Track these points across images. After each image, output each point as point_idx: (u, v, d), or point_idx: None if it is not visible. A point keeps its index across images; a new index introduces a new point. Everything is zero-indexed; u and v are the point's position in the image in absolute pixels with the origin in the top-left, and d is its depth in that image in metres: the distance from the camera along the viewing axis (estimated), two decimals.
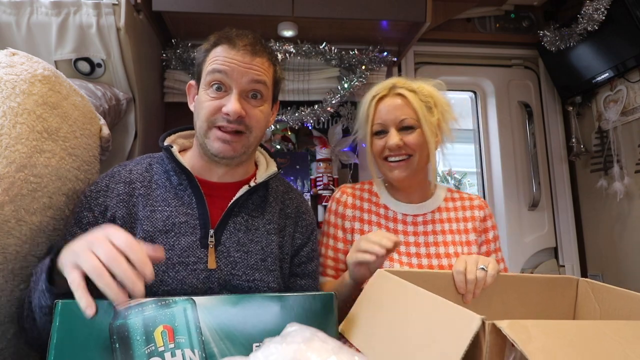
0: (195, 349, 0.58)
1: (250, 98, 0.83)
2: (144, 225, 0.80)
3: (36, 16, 1.20)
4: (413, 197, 1.05)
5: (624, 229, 1.68)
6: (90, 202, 0.82)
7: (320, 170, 1.71)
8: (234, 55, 0.81)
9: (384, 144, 0.98)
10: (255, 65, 0.82)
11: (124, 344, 0.56)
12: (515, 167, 1.95)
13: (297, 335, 0.51)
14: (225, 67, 0.80)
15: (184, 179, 0.86)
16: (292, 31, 1.58)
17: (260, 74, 0.82)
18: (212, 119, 0.81)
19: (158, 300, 0.58)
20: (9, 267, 0.75)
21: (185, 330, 0.58)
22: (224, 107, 0.80)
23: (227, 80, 0.80)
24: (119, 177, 0.85)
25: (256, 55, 0.82)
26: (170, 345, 0.57)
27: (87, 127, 0.96)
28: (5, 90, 0.75)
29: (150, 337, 0.57)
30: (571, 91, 1.88)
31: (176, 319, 0.58)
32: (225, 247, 0.83)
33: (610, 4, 1.54)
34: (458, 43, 1.97)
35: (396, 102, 0.98)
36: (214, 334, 0.59)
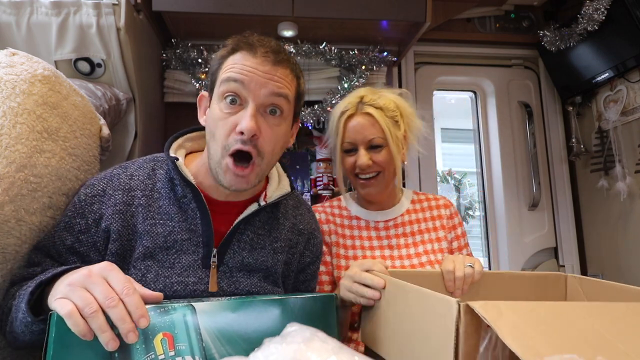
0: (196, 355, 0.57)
1: (268, 114, 0.71)
2: (144, 240, 0.74)
3: (36, 16, 1.20)
4: (382, 205, 1.10)
5: (624, 229, 1.68)
6: (84, 207, 0.75)
7: (320, 170, 1.71)
8: (253, 63, 0.69)
9: (354, 162, 1.01)
10: (278, 75, 0.71)
11: (124, 353, 0.54)
12: (515, 167, 1.95)
13: (297, 335, 0.51)
14: (243, 76, 0.69)
15: (189, 191, 0.77)
16: (292, 31, 1.58)
17: (282, 87, 0.71)
18: (227, 144, 0.70)
19: (157, 307, 0.57)
20: (8, 267, 0.75)
21: (186, 336, 0.57)
22: (238, 125, 0.69)
23: (244, 91, 0.69)
24: (118, 183, 0.77)
25: (279, 64, 0.71)
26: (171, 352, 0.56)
27: (87, 127, 0.96)
28: (5, 90, 0.75)
29: (150, 346, 0.55)
30: (571, 91, 1.88)
31: (176, 326, 0.57)
32: (228, 268, 0.77)
33: (610, 4, 1.54)
34: (458, 43, 1.97)
35: (364, 121, 0.99)
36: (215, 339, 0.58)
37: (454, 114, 3.10)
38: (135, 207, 0.75)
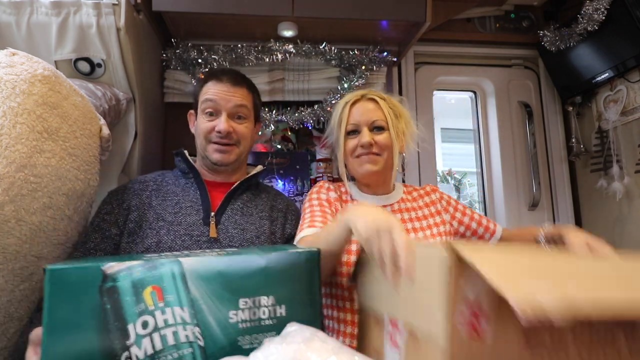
0: (184, 306, 0.60)
1: (236, 119, 1.07)
2: (157, 209, 0.99)
3: (36, 16, 1.20)
4: (378, 191, 1.13)
5: (624, 229, 1.68)
6: (111, 198, 1.02)
7: (320, 170, 1.71)
8: (220, 87, 1.06)
9: (356, 143, 1.06)
10: (237, 93, 1.06)
11: (115, 305, 0.58)
12: (515, 167, 1.95)
13: (297, 335, 0.51)
14: (215, 97, 1.05)
15: (191, 178, 1.08)
16: (292, 31, 1.58)
17: (241, 100, 1.07)
18: (209, 137, 1.05)
19: (145, 262, 0.61)
20: (9, 267, 0.75)
21: (174, 289, 0.60)
22: (217, 127, 1.04)
23: (217, 106, 1.05)
24: (134, 180, 1.08)
25: (237, 85, 1.07)
26: (160, 304, 0.59)
27: (87, 127, 0.96)
28: (5, 90, 0.75)
29: (140, 297, 0.59)
30: (571, 91, 1.88)
31: (164, 280, 0.60)
32: (224, 226, 1.01)
33: (610, 4, 1.54)
34: (458, 43, 1.97)
35: (368, 105, 1.08)
36: (202, 292, 0.61)
37: (454, 114, 3.10)
38: (149, 191, 1.04)
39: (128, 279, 0.59)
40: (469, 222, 1.15)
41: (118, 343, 0.57)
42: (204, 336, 0.60)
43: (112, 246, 0.96)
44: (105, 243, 0.96)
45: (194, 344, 0.60)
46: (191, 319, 0.60)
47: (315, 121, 1.66)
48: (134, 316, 0.58)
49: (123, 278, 0.59)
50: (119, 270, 0.59)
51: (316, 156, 1.75)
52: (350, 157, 1.09)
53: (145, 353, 0.57)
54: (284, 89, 1.67)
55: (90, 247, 0.94)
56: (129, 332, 0.57)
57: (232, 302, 0.62)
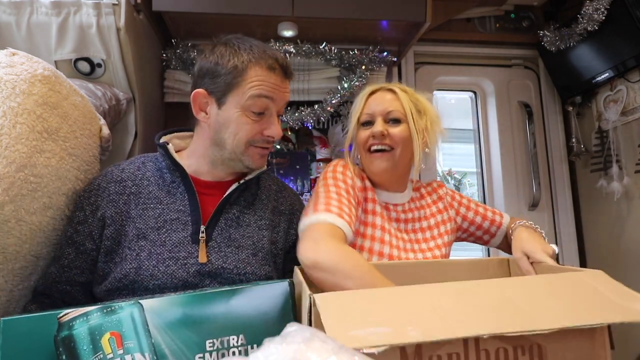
0: (145, 352, 0.57)
1: (278, 116, 0.89)
2: (136, 222, 0.82)
3: (36, 16, 1.20)
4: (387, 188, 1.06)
5: (624, 229, 1.68)
6: (83, 201, 0.86)
7: (320, 170, 1.71)
8: (275, 80, 0.85)
9: (369, 134, 0.99)
10: (288, 90, 0.89)
11: (71, 356, 0.55)
12: (515, 167, 1.95)
13: (297, 335, 0.51)
14: (272, 94, 0.84)
15: (177, 176, 0.88)
16: (292, 31, 1.57)
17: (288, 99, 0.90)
18: (252, 140, 0.86)
19: (103, 307, 0.58)
20: (8, 267, 0.75)
21: (134, 334, 0.57)
22: (267, 131, 0.86)
23: (271, 105, 0.85)
24: (111, 177, 0.88)
25: (288, 77, 0.88)
26: (119, 351, 0.56)
27: (87, 127, 0.96)
28: (5, 90, 0.75)
29: (98, 346, 0.56)
30: (571, 91, 1.88)
31: (123, 325, 0.57)
32: (217, 243, 0.84)
33: (610, 4, 1.54)
34: (458, 43, 1.97)
35: (386, 96, 1.01)
36: (164, 335, 0.58)
37: (454, 114, 3.10)
38: (127, 195, 0.85)
39: (84, 326, 0.56)
40: (474, 217, 1.11)
41: None
42: None
43: (89, 262, 0.83)
44: (81, 259, 0.83)
45: None
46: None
47: (315, 121, 1.66)
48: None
49: (79, 325, 0.56)
50: (74, 317, 0.56)
51: (316, 156, 1.75)
52: (362, 151, 1.02)
53: None
54: None
55: (65, 264, 0.82)
56: None
57: (197, 344, 0.58)
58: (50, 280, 0.83)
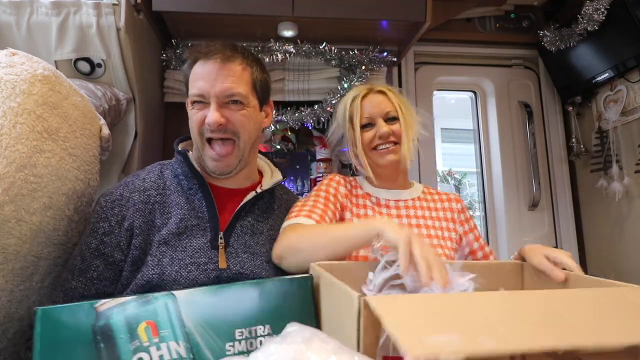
0: (179, 340, 0.59)
1: (231, 104, 0.85)
2: (160, 229, 0.84)
3: (36, 16, 1.20)
4: (394, 185, 1.13)
5: (624, 228, 1.68)
6: (107, 212, 0.85)
7: (320, 170, 1.71)
8: (206, 69, 0.84)
9: (373, 135, 1.06)
10: (228, 73, 0.84)
11: (109, 343, 0.57)
12: (515, 167, 1.95)
13: (297, 336, 0.51)
14: (201, 83, 0.83)
15: (195, 183, 0.89)
16: (292, 31, 1.57)
17: (232, 84, 0.84)
18: (201, 131, 0.86)
19: (138, 297, 0.60)
20: (9, 267, 0.75)
21: (168, 323, 0.60)
22: (206, 119, 0.83)
23: (205, 93, 0.84)
24: (133, 186, 0.88)
25: (226, 62, 0.84)
26: (155, 339, 0.58)
27: (87, 127, 0.96)
28: (5, 90, 0.75)
29: (134, 334, 0.58)
30: (571, 91, 1.88)
31: (158, 314, 0.60)
32: (234, 249, 0.86)
33: (610, 4, 1.54)
34: (458, 43, 1.97)
35: (380, 97, 1.09)
36: (197, 325, 0.61)
37: (454, 114, 3.10)
38: (152, 204, 0.86)
39: (121, 315, 0.58)
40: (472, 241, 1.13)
41: None
42: None
43: (117, 273, 0.82)
44: (110, 270, 0.82)
45: None
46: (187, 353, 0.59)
47: (315, 121, 1.66)
48: (128, 354, 0.57)
49: (116, 315, 0.58)
50: (111, 307, 0.58)
51: (316, 156, 1.75)
52: (368, 151, 1.08)
53: None
54: (284, 89, 1.67)
55: (93, 277, 0.81)
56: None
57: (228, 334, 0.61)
58: (77, 295, 0.81)
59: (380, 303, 0.45)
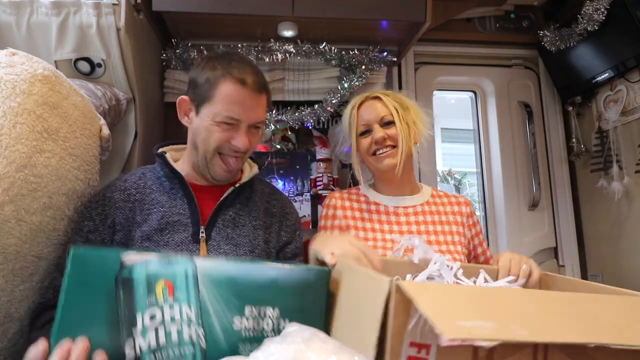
0: (192, 305, 0.62)
1: (253, 129, 0.92)
2: (142, 227, 0.88)
3: (36, 16, 1.20)
4: (402, 191, 1.14)
5: (624, 228, 1.68)
6: (91, 212, 0.89)
7: (320, 170, 1.71)
8: (244, 94, 0.87)
9: (370, 141, 1.10)
10: (260, 104, 0.91)
11: (128, 294, 0.60)
12: (515, 167, 1.95)
13: (297, 336, 0.51)
14: (238, 108, 0.87)
15: (176, 183, 0.93)
16: (292, 31, 1.57)
17: (263, 112, 0.93)
18: (220, 148, 0.90)
19: (162, 257, 0.63)
20: (9, 267, 0.75)
21: (184, 287, 0.62)
22: (234, 141, 0.89)
23: (241, 119, 0.88)
24: (115, 187, 0.93)
25: (261, 92, 0.90)
26: (170, 299, 0.61)
27: (87, 127, 0.96)
28: (5, 90, 0.75)
29: (152, 291, 0.61)
30: (571, 91, 1.88)
31: (177, 277, 0.62)
32: (216, 242, 0.90)
33: (610, 4, 1.54)
34: (458, 43, 1.97)
35: (374, 103, 1.12)
36: (210, 294, 0.63)
37: (454, 114, 3.10)
38: (132, 202, 0.91)
39: (143, 271, 0.61)
40: (477, 245, 1.16)
41: (126, 330, 0.59)
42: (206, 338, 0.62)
43: None
44: None
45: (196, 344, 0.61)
46: (197, 319, 0.62)
47: (315, 121, 1.66)
48: (143, 307, 0.60)
49: (139, 270, 0.61)
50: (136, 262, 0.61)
51: (316, 156, 1.75)
52: (367, 157, 1.12)
53: (148, 345, 0.59)
54: (284, 89, 1.67)
55: None
56: (137, 322, 0.60)
57: (238, 308, 0.63)
58: None
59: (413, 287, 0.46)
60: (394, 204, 1.12)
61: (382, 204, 1.12)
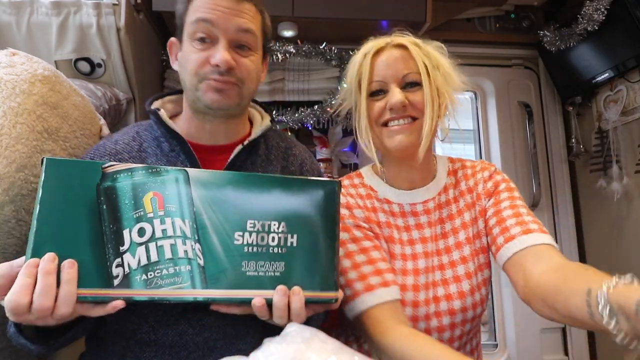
0: (185, 219, 0.56)
1: (237, 49, 0.75)
2: None
3: (36, 16, 1.20)
4: (415, 178, 0.87)
5: (624, 229, 1.68)
6: None
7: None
8: (218, 1, 0.73)
9: (383, 105, 0.80)
10: (242, 11, 0.74)
11: (112, 207, 0.55)
12: (515, 167, 1.95)
13: (297, 336, 0.51)
14: (211, 15, 0.72)
15: (176, 144, 0.78)
16: (292, 31, 1.58)
17: (247, 22, 0.75)
18: (201, 72, 0.73)
19: (148, 167, 0.57)
20: None
21: (176, 199, 0.57)
22: (212, 58, 0.72)
23: (214, 29, 0.73)
24: (104, 150, 0.78)
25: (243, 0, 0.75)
26: (160, 212, 0.56)
27: (87, 127, 0.96)
28: (5, 90, 0.75)
29: (139, 203, 0.55)
30: (571, 91, 1.88)
31: (167, 187, 0.57)
32: None
33: (610, 4, 1.54)
34: (458, 43, 1.97)
35: (397, 54, 0.81)
36: (206, 206, 0.57)
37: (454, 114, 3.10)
38: None
39: (128, 181, 0.55)
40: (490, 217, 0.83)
41: (111, 248, 0.54)
42: (204, 255, 0.56)
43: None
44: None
45: (192, 261, 0.55)
46: (192, 234, 0.56)
47: (315, 121, 1.66)
48: (130, 221, 0.54)
49: (123, 179, 0.55)
50: (119, 170, 0.55)
51: (316, 156, 1.75)
52: (375, 127, 0.82)
53: (138, 263, 0.54)
54: (284, 89, 1.67)
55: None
56: (124, 238, 0.54)
57: (239, 222, 0.57)
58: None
59: None
60: (409, 201, 0.85)
61: (394, 202, 0.85)
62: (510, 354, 1.78)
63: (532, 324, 1.80)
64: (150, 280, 0.54)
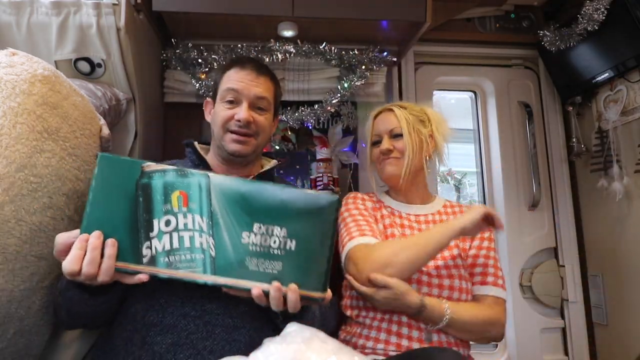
0: (203, 216, 0.68)
1: (256, 109, 1.03)
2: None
3: (36, 16, 1.20)
4: (414, 200, 1.19)
5: (624, 228, 1.68)
6: None
7: (320, 170, 1.71)
8: (243, 75, 1.02)
9: (379, 151, 1.17)
10: (260, 83, 1.03)
11: (146, 199, 0.67)
12: (515, 167, 1.95)
13: (297, 336, 0.51)
14: (237, 86, 1.01)
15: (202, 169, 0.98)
16: (292, 31, 1.57)
17: (263, 91, 1.03)
18: (227, 125, 1.01)
19: (178, 170, 0.69)
20: (9, 267, 0.75)
21: (198, 199, 0.69)
22: (237, 115, 1.00)
23: (239, 95, 1.01)
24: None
25: (260, 74, 1.04)
26: (184, 208, 0.68)
27: (87, 127, 0.96)
28: (5, 90, 0.75)
29: (168, 198, 0.68)
30: (571, 91, 1.88)
31: (191, 188, 0.69)
32: None
33: (610, 4, 1.54)
34: (458, 43, 1.97)
35: (387, 115, 1.18)
36: (222, 207, 0.69)
37: (454, 114, 3.10)
38: None
39: (161, 180, 0.68)
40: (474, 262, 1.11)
41: (143, 232, 0.66)
42: (216, 248, 0.67)
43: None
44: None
45: (206, 252, 0.67)
46: (207, 229, 0.68)
47: (315, 121, 1.66)
48: (160, 213, 0.67)
49: (157, 178, 0.68)
50: (155, 170, 0.68)
51: (316, 156, 1.75)
52: (377, 165, 1.20)
53: (163, 247, 0.66)
54: (284, 89, 1.67)
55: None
56: (154, 226, 0.66)
57: (247, 224, 0.68)
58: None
59: None
60: (406, 211, 1.17)
61: (395, 208, 1.18)
62: (510, 354, 1.78)
63: (532, 324, 1.80)
64: (171, 262, 0.67)
